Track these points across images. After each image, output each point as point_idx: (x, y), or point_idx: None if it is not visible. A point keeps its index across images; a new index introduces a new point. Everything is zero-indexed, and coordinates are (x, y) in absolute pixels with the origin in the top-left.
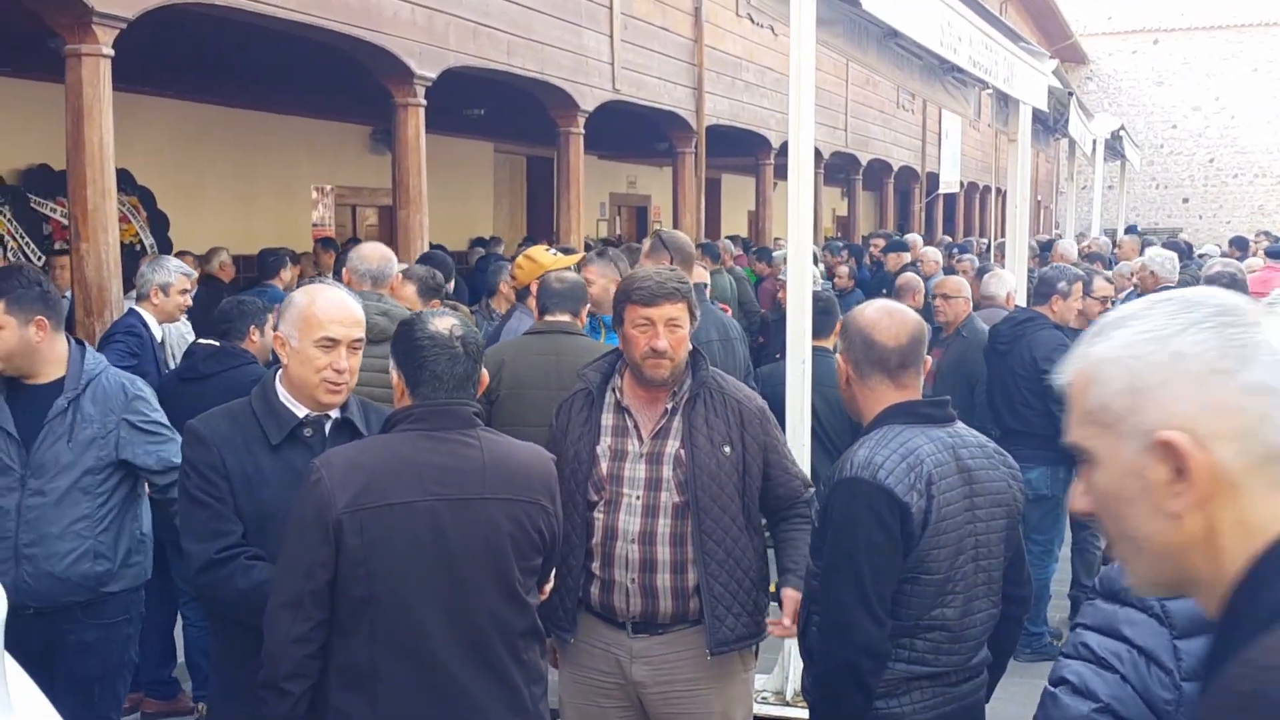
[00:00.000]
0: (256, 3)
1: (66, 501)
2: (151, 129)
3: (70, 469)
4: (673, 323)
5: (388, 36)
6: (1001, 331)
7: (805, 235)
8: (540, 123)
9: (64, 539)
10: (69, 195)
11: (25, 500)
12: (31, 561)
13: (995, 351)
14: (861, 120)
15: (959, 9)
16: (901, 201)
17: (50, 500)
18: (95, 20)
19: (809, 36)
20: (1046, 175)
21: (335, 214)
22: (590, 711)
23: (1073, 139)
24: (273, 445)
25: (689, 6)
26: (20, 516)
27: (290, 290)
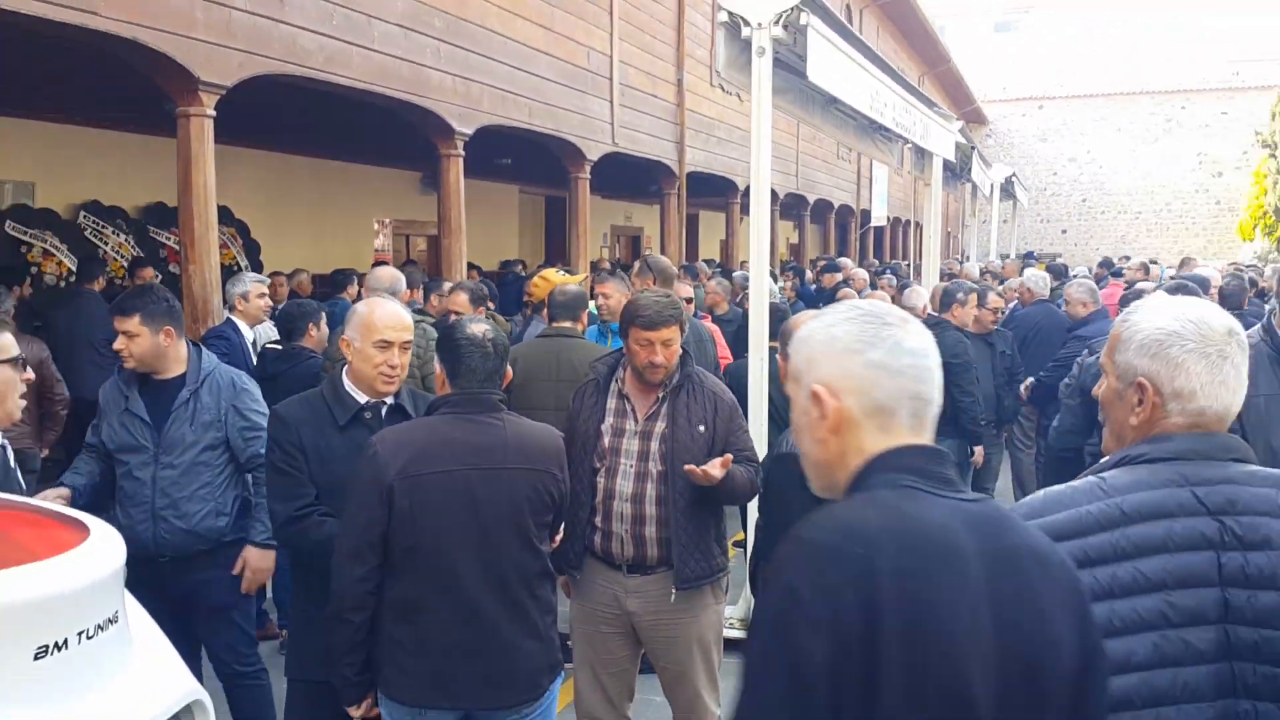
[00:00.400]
0: (329, 74)
1: (191, 472)
2: (246, 174)
3: (193, 446)
4: (667, 342)
5: (434, 101)
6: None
7: (764, 259)
8: (555, 170)
9: (191, 501)
10: (180, 226)
11: (158, 472)
12: (165, 520)
13: None
14: (809, 168)
15: (885, 81)
16: (841, 232)
17: (178, 471)
18: (201, 88)
19: (766, 102)
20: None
21: (393, 242)
22: (594, 636)
23: (975, 183)
24: (340, 426)
25: (673, 78)
26: (155, 485)
27: (355, 302)
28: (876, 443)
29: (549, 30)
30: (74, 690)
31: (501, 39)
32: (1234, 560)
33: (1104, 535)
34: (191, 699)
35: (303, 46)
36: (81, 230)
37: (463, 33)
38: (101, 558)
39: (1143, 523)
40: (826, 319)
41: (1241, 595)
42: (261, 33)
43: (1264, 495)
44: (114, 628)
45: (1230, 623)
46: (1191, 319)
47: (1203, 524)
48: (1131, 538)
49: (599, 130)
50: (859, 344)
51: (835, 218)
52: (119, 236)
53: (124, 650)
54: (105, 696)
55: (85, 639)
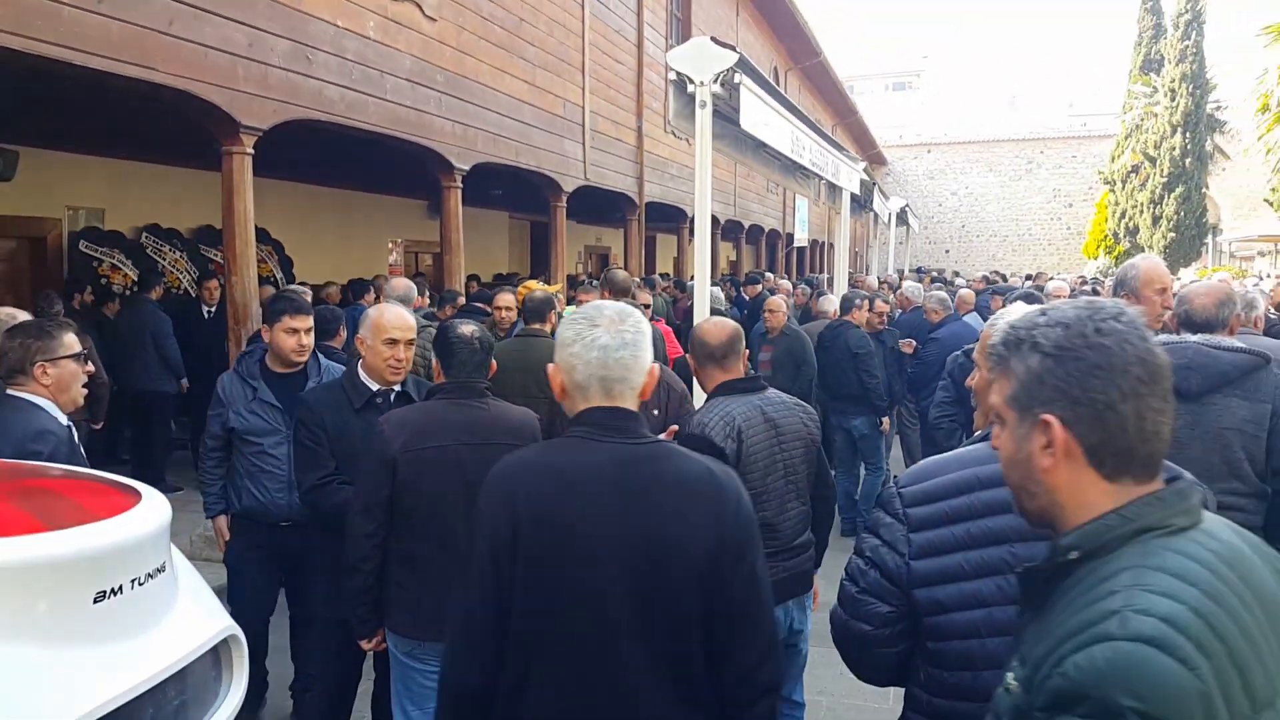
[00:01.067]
0: (349, 120)
1: None
2: (281, 202)
3: None
4: None
5: (436, 142)
6: (825, 335)
7: (706, 274)
8: (538, 199)
9: None
10: (224, 245)
11: (291, 450)
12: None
13: (823, 347)
14: (744, 199)
15: (803, 129)
16: (770, 251)
17: None
18: (242, 131)
19: (707, 145)
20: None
21: (404, 258)
22: None
23: (876, 212)
24: (356, 410)
25: (633, 125)
26: (290, 461)
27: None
28: (577, 406)
29: (532, 85)
30: (128, 628)
31: (493, 91)
32: None
33: (962, 498)
34: (228, 634)
35: (327, 96)
36: (144, 248)
37: (460, 86)
38: (150, 518)
39: (994, 488)
40: (564, 324)
41: None
42: (293, 85)
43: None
44: (161, 576)
45: None
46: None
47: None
48: (983, 499)
49: (573, 167)
50: (567, 339)
51: (766, 239)
52: (175, 253)
53: (171, 594)
54: (155, 632)
55: (137, 585)
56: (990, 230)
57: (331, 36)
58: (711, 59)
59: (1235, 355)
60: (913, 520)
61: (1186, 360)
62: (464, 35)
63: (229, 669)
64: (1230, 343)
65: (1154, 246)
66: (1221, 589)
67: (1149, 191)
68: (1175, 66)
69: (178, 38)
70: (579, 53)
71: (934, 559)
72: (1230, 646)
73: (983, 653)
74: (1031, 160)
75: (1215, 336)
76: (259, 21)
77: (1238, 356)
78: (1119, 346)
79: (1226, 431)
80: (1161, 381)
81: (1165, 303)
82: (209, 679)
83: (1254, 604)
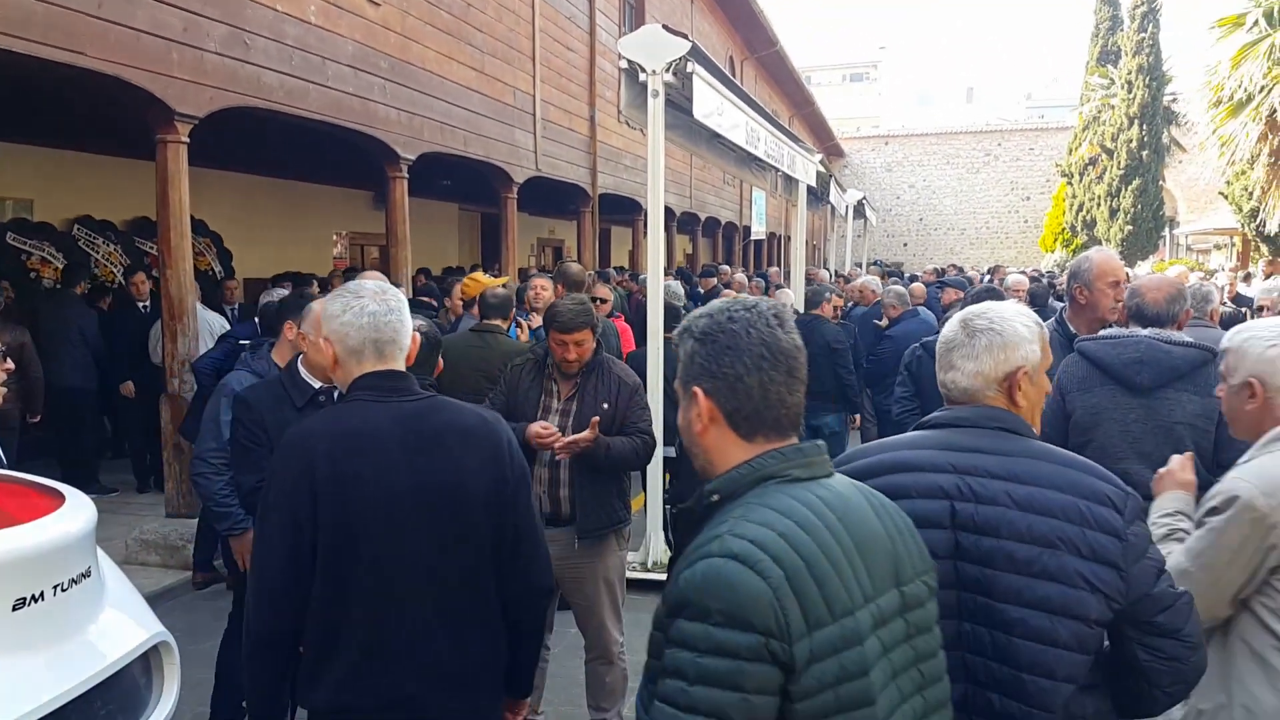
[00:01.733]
0: (290, 107)
1: None
2: (220, 192)
3: None
4: (580, 342)
5: (381, 131)
6: (799, 329)
7: (659, 267)
8: (488, 190)
9: None
10: (159, 237)
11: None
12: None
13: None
14: (701, 191)
15: (759, 120)
16: (727, 244)
17: None
18: (176, 118)
19: (660, 136)
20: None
21: (350, 251)
22: None
23: (833, 205)
24: (298, 407)
25: (587, 114)
26: None
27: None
28: (352, 371)
29: (480, 73)
30: (50, 636)
31: (440, 79)
32: (966, 510)
33: (878, 479)
34: (159, 640)
35: (266, 83)
36: (75, 241)
37: (406, 73)
38: (74, 521)
39: (900, 473)
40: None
41: (970, 538)
42: (230, 71)
43: (1005, 463)
44: (87, 581)
45: (960, 560)
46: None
47: (944, 479)
48: (891, 483)
49: (524, 158)
50: (336, 312)
51: (722, 232)
52: (109, 246)
53: (97, 600)
54: (79, 640)
55: (60, 591)
56: (948, 223)
57: (270, 21)
58: (663, 47)
59: (1185, 350)
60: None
61: (1139, 355)
62: (409, 20)
63: (160, 676)
64: (1180, 337)
65: (1111, 239)
66: (814, 522)
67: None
68: (1132, 59)
69: (108, 21)
70: (529, 40)
71: None
72: (810, 564)
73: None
74: (989, 153)
75: (1165, 331)
76: (194, 5)
77: (1188, 351)
78: (744, 331)
79: (1178, 426)
80: (783, 360)
81: (1118, 295)
82: (139, 687)
83: (845, 536)
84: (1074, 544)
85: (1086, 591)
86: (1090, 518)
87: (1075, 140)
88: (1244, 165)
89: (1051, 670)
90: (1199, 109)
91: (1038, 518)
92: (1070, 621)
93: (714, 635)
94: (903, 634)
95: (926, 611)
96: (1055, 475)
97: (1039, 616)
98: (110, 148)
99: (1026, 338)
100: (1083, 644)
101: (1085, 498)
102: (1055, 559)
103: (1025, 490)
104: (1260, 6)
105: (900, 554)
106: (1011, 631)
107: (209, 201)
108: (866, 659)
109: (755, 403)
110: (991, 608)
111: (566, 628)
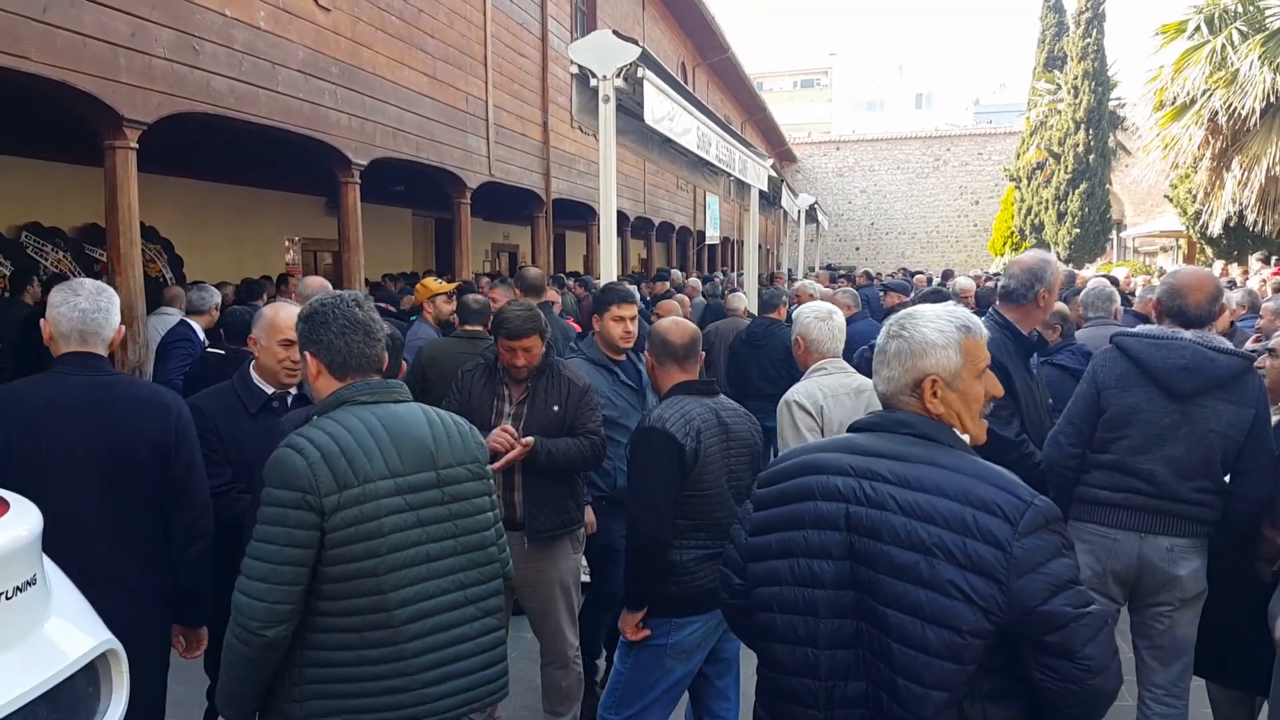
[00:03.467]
0: (239, 113)
1: None
2: (171, 198)
3: None
4: (528, 348)
5: (332, 136)
6: (757, 332)
7: (613, 271)
8: (441, 196)
9: None
10: (108, 244)
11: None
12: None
13: (752, 344)
14: (654, 196)
15: (710, 126)
16: (681, 249)
17: None
18: (125, 124)
19: (611, 142)
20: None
21: (302, 257)
22: None
23: (785, 209)
24: (251, 413)
25: (539, 120)
26: None
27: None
28: (60, 349)
29: (432, 78)
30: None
31: (391, 84)
32: (858, 513)
33: (791, 482)
34: (106, 648)
35: (215, 88)
36: (23, 248)
37: (356, 79)
38: (18, 528)
39: (816, 474)
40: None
41: (861, 541)
42: (178, 76)
43: (899, 468)
44: (32, 589)
45: (855, 561)
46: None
47: (841, 482)
48: (799, 485)
49: (477, 163)
50: (57, 302)
51: (677, 237)
52: (58, 254)
53: (42, 608)
54: (24, 648)
55: (5, 600)
56: (899, 228)
57: (219, 26)
58: (614, 52)
59: (1230, 359)
60: (757, 498)
61: (1185, 362)
62: (359, 26)
63: (109, 685)
64: (1222, 343)
65: (1059, 243)
66: (357, 425)
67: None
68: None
69: (53, 25)
70: (481, 45)
71: (759, 537)
72: (343, 449)
73: (773, 626)
74: (939, 157)
75: (1207, 335)
76: (142, 10)
77: (1231, 360)
78: (331, 311)
79: (1211, 433)
80: (360, 326)
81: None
82: (85, 696)
83: (384, 434)
84: (951, 552)
85: (959, 601)
86: (974, 527)
87: (1023, 145)
88: (1187, 169)
89: (920, 676)
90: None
91: (919, 524)
92: (940, 630)
93: (272, 494)
94: (437, 499)
95: (464, 488)
96: (948, 482)
97: (912, 622)
98: (58, 154)
99: (938, 344)
100: (955, 653)
101: (974, 506)
102: (930, 566)
103: (911, 496)
104: (1201, 13)
105: (438, 450)
106: (889, 635)
107: (159, 208)
108: (380, 508)
109: (342, 356)
110: (876, 610)
111: (522, 632)
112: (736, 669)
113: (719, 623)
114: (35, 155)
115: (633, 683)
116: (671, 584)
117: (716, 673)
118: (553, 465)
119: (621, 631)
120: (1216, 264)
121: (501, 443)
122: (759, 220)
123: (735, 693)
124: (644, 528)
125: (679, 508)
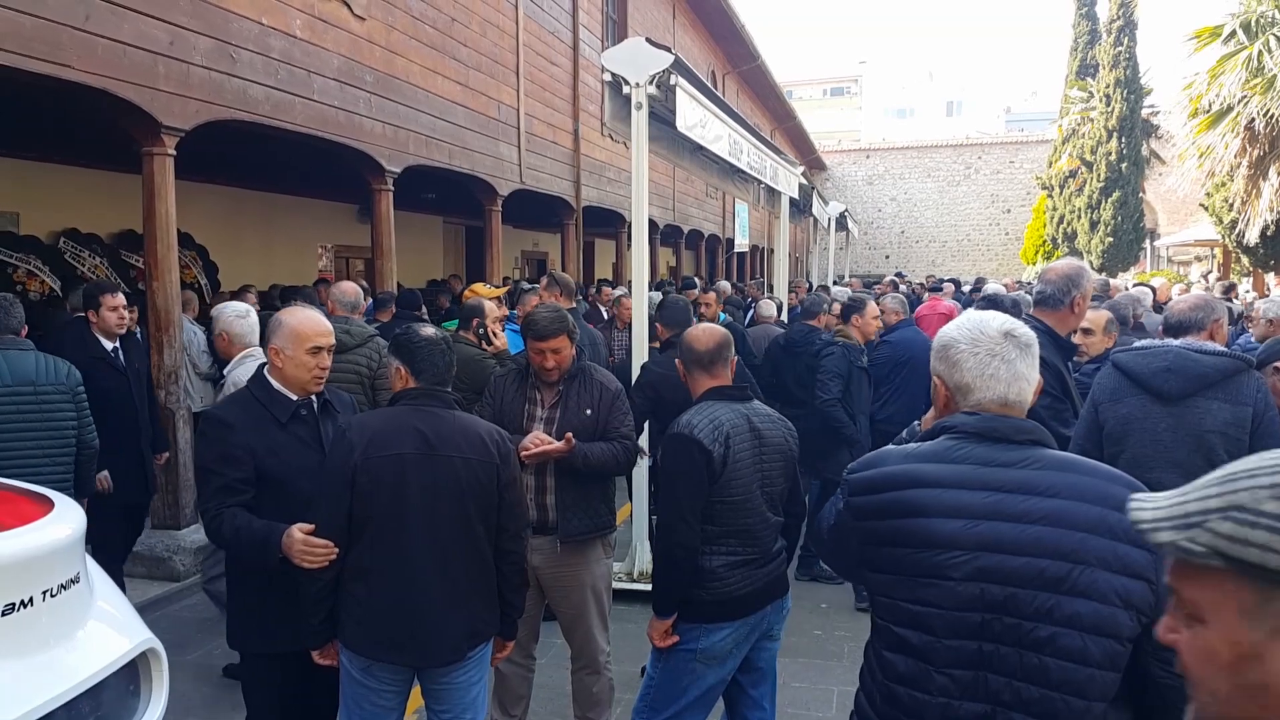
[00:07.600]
0: (275, 120)
1: None
2: (207, 205)
3: None
4: (556, 350)
5: (366, 144)
6: (795, 339)
7: (644, 279)
8: (472, 203)
9: None
10: (145, 250)
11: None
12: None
13: (791, 351)
14: (683, 204)
15: (741, 133)
16: (710, 257)
17: None
18: (163, 131)
19: (644, 148)
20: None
21: (335, 264)
22: None
23: (815, 217)
24: (282, 423)
25: (570, 128)
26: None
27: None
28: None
29: (465, 87)
30: (39, 642)
31: (425, 92)
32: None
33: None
34: (147, 647)
35: (252, 96)
36: (61, 254)
37: (391, 87)
38: (63, 527)
39: (918, 488)
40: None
41: (994, 558)
42: (216, 84)
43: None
44: (76, 587)
45: (985, 582)
46: (968, 326)
47: (968, 496)
48: (907, 498)
49: (508, 171)
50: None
51: (706, 244)
52: (95, 259)
53: (86, 605)
54: (68, 646)
55: (49, 597)
56: (929, 236)
57: (256, 35)
58: (646, 60)
59: (1216, 359)
60: (853, 508)
61: (1167, 364)
62: (394, 35)
63: (149, 684)
64: (1212, 346)
65: (1092, 251)
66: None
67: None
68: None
69: (94, 34)
70: (513, 54)
71: (871, 548)
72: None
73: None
74: (970, 165)
75: (1196, 340)
76: (180, 19)
77: (1219, 360)
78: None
79: (1209, 434)
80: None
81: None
82: (126, 694)
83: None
84: (1103, 558)
85: (1119, 608)
86: (1119, 530)
87: (1055, 153)
88: (1223, 177)
89: (1083, 690)
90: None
91: (1066, 532)
92: (1102, 639)
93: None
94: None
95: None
96: (1082, 486)
97: (1070, 635)
98: (97, 160)
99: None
100: (1114, 662)
101: (1115, 508)
102: (1086, 575)
103: (1052, 504)
104: (1238, 18)
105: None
106: (1042, 650)
107: (195, 214)
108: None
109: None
110: (1020, 627)
111: (553, 638)
112: (773, 679)
113: (751, 630)
114: (73, 161)
115: (664, 687)
116: (702, 590)
117: (751, 682)
118: (588, 469)
119: (649, 638)
120: (1246, 278)
121: (533, 454)
122: (789, 228)
123: (771, 703)
124: (673, 534)
125: (708, 513)
